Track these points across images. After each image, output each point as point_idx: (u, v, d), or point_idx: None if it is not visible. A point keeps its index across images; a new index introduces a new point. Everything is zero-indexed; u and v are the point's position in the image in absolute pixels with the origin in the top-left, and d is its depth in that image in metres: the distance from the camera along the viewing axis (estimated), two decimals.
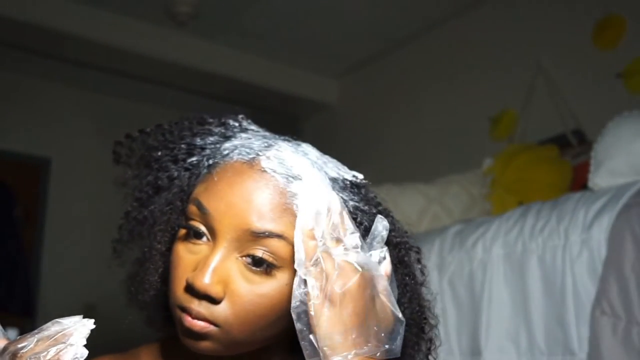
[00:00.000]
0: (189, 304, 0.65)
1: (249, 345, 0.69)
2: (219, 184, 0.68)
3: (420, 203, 2.42)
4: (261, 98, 4.13)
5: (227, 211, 0.66)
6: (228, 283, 0.66)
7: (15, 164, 4.02)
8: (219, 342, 0.67)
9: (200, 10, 3.31)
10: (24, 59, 3.77)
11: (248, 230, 0.66)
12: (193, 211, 0.69)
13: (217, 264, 0.65)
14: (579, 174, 2.24)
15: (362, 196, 0.74)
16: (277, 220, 0.66)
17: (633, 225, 1.40)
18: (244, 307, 0.66)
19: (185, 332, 0.66)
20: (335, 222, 0.64)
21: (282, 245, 0.66)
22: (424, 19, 3.48)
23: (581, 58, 2.80)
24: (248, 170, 0.68)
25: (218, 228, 0.67)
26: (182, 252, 0.69)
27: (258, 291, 0.66)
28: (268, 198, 0.66)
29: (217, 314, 0.65)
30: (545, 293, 1.56)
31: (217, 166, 0.70)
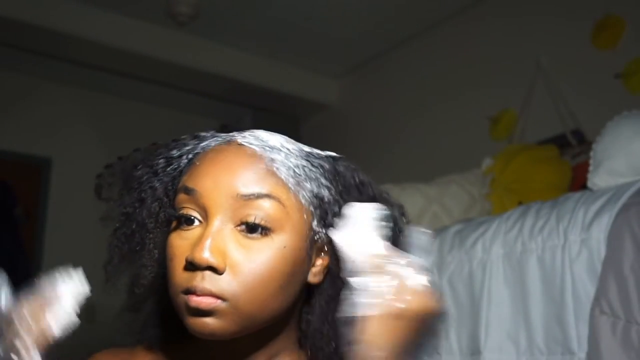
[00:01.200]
0: (191, 283, 0.65)
1: (259, 320, 0.68)
2: (201, 166, 0.70)
3: (420, 203, 2.42)
4: (261, 98, 4.13)
5: (214, 185, 0.68)
6: (227, 254, 0.66)
7: (16, 164, 4.02)
8: (229, 319, 0.66)
9: (201, 10, 3.32)
10: (24, 59, 3.77)
11: (237, 196, 0.67)
12: (181, 199, 0.70)
13: (214, 237, 0.66)
14: (579, 174, 2.24)
15: (337, 171, 0.76)
16: (262, 182, 0.68)
17: (632, 225, 1.40)
18: (248, 275, 0.66)
19: (193, 313, 0.65)
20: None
21: (273, 206, 0.68)
22: (424, 19, 3.48)
23: (580, 58, 2.80)
24: (227, 148, 0.71)
25: (208, 204, 0.68)
26: (175, 241, 0.69)
27: (258, 257, 0.66)
28: (249, 164, 0.69)
29: (222, 286, 0.65)
30: (545, 292, 1.56)
31: (197, 155, 0.73)
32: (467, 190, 2.51)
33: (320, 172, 0.74)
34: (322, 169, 0.74)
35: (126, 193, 0.79)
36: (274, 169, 0.70)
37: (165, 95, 4.27)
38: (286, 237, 0.68)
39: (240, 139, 0.72)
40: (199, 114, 4.53)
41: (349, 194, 0.75)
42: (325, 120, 4.26)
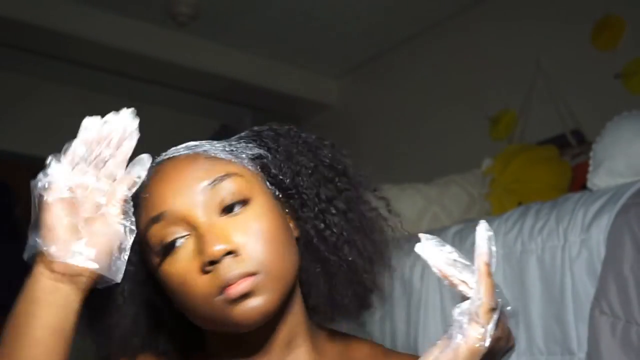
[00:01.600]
0: (223, 277, 0.66)
1: (287, 279, 0.70)
2: (152, 193, 0.71)
3: (420, 203, 2.42)
4: (261, 98, 4.13)
5: (177, 195, 0.70)
6: (231, 237, 0.68)
7: (15, 164, 4.01)
8: (269, 288, 0.67)
9: (201, 11, 3.32)
10: (24, 59, 3.77)
11: (204, 188, 0.70)
12: (155, 230, 0.69)
13: (210, 230, 0.68)
14: (578, 174, 2.24)
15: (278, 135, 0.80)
16: (212, 169, 0.72)
17: (632, 226, 1.41)
18: (262, 239, 0.69)
19: (237, 301, 0.66)
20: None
21: (234, 181, 0.71)
22: (424, 19, 3.48)
23: (580, 58, 2.80)
24: (161, 167, 0.74)
25: (184, 213, 0.69)
26: (174, 268, 0.69)
27: (254, 224, 0.70)
28: (192, 163, 0.72)
29: (247, 263, 0.67)
30: (544, 293, 1.56)
31: (136, 197, 0.73)
32: (467, 191, 2.51)
33: (252, 141, 0.79)
34: (257, 139, 0.79)
35: None
36: (211, 155, 0.74)
37: (165, 95, 4.27)
38: (260, 200, 0.72)
39: (168, 155, 0.75)
40: (199, 114, 4.53)
41: (300, 154, 0.79)
42: (325, 120, 4.26)
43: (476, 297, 0.61)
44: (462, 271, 0.63)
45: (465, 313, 0.61)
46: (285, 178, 0.77)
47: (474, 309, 0.60)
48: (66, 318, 0.62)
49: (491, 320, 0.61)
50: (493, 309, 0.61)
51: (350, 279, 0.78)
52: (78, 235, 0.62)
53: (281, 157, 0.78)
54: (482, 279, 0.62)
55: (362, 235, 0.79)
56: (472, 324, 0.60)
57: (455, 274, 0.63)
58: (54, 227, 0.62)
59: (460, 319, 0.61)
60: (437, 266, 0.63)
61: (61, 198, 0.62)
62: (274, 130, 0.81)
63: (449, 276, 0.63)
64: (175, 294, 0.70)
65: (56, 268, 0.62)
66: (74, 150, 0.67)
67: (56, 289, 0.62)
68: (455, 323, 0.61)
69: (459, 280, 0.63)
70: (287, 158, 0.78)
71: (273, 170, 0.77)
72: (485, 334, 0.60)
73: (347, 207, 0.79)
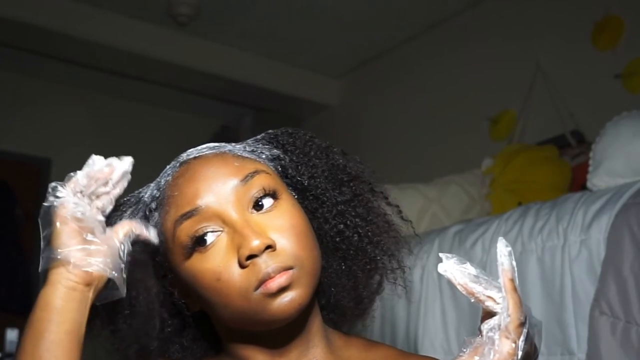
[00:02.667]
0: (261, 272, 0.68)
1: (317, 274, 0.73)
2: (183, 190, 0.73)
3: (420, 203, 2.42)
4: (261, 98, 4.13)
5: (211, 192, 0.72)
6: (267, 232, 0.70)
7: (15, 164, 4.02)
8: (303, 283, 0.70)
9: (201, 11, 3.32)
10: (24, 59, 3.77)
11: (238, 184, 0.72)
12: (186, 226, 0.71)
13: (247, 225, 0.70)
14: (578, 174, 2.24)
15: (294, 139, 0.83)
16: (242, 166, 0.74)
17: (632, 226, 1.41)
18: (294, 234, 0.71)
19: (275, 296, 0.68)
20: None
21: (264, 177, 0.74)
22: (424, 20, 3.48)
23: (580, 59, 2.80)
24: (188, 166, 0.75)
25: (218, 209, 0.71)
26: (207, 264, 0.70)
27: (286, 218, 0.72)
28: (221, 161, 0.75)
29: (284, 256, 0.69)
30: (544, 293, 1.56)
31: (161, 196, 0.75)
32: (466, 191, 2.51)
33: (269, 143, 0.81)
34: (274, 141, 0.81)
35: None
36: (237, 154, 0.76)
37: (165, 95, 4.27)
38: (287, 196, 0.75)
39: (192, 155, 0.77)
40: (199, 114, 4.53)
41: (317, 157, 0.81)
42: (325, 120, 4.26)
43: (505, 313, 0.62)
44: (487, 287, 0.64)
45: (496, 329, 0.62)
46: (303, 179, 0.80)
47: (504, 325, 0.62)
48: (82, 321, 0.67)
49: (521, 335, 0.62)
50: (522, 323, 0.62)
51: (372, 276, 0.82)
52: (90, 247, 0.67)
53: (298, 159, 0.81)
54: (509, 295, 0.63)
55: (383, 235, 0.82)
56: (503, 340, 0.61)
57: (481, 291, 0.64)
58: (71, 239, 0.66)
59: (492, 335, 0.62)
60: (462, 284, 0.64)
61: (73, 215, 0.67)
62: (290, 134, 0.83)
63: (475, 293, 0.64)
64: (206, 290, 0.71)
65: (75, 276, 0.66)
66: (77, 180, 0.71)
67: (73, 296, 0.66)
68: (487, 339, 0.62)
69: (485, 297, 0.64)
70: (304, 160, 0.81)
71: (290, 171, 0.80)
72: (516, 349, 0.61)
73: (365, 209, 0.82)
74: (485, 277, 0.64)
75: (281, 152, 0.81)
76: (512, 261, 0.64)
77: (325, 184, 0.81)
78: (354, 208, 0.81)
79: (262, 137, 0.83)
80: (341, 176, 0.82)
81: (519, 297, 0.63)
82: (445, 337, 1.77)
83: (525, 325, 0.62)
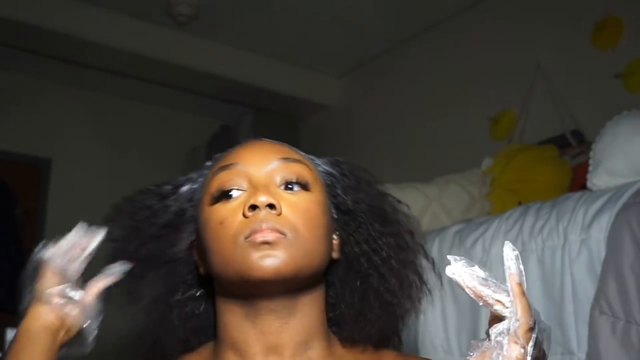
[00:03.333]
0: (254, 224, 0.72)
1: (310, 261, 0.75)
2: (234, 152, 0.81)
3: (420, 202, 2.42)
4: (261, 98, 4.13)
5: (253, 156, 0.79)
6: (281, 200, 0.74)
7: (15, 164, 4.01)
8: (291, 252, 0.72)
9: (200, 11, 3.32)
10: (24, 59, 3.77)
11: (279, 160, 0.78)
12: (218, 180, 0.78)
13: (266, 189, 0.75)
14: (578, 174, 2.24)
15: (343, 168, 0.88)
16: (292, 152, 0.81)
17: (632, 225, 1.41)
18: (304, 215, 0.75)
19: (258, 249, 0.71)
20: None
21: (304, 169, 0.79)
22: (424, 19, 3.48)
23: (580, 58, 2.80)
24: (247, 145, 0.83)
25: (252, 172, 0.77)
26: (220, 210, 0.76)
27: (304, 203, 0.76)
28: (276, 145, 0.82)
29: (283, 222, 0.73)
30: (544, 293, 1.56)
31: (215, 164, 0.83)
32: (467, 190, 2.51)
33: (329, 163, 0.87)
34: (335, 164, 0.87)
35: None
36: (294, 149, 0.83)
37: (165, 95, 4.27)
38: (318, 194, 0.79)
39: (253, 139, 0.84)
40: (199, 114, 4.53)
41: (367, 186, 0.87)
42: (325, 120, 4.26)
43: (514, 318, 0.62)
44: (496, 291, 0.63)
45: (505, 334, 0.61)
46: (347, 201, 0.85)
47: (513, 329, 0.61)
48: (52, 357, 0.74)
49: (530, 340, 0.61)
50: (531, 328, 0.62)
51: (383, 301, 0.83)
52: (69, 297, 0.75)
53: (349, 183, 0.86)
54: (517, 299, 0.63)
55: (403, 268, 0.85)
56: (512, 345, 0.61)
57: (490, 294, 0.63)
58: (54, 288, 0.75)
59: (501, 340, 0.61)
60: (471, 287, 0.63)
61: (58, 270, 0.75)
62: (353, 167, 0.89)
63: (484, 297, 0.63)
64: (210, 235, 0.76)
65: (53, 317, 0.74)
66: (62, 244, 0.78)
67: (47, 332, 0.74)
68: (495, 344, 0.61)
69: (494, 300, 0.63)
70: (354, 186, 0.86)
71: (339, 190, 0.85)
72: (525, 354, 0.61)
73: (395, 241, 0.86)
74: (494, 280, 0.64)
75: (338, 173, 0.86)
76: (520, 265, 0.65)
77: (367, 212, 0.85)
78: (386, 239, 0.85)
79: (328, 159, 0.88)
80: (381, 209, 0.87)
81: (527, 302, 0.63)
82: (445, 337, 1.77)
83: (535, 330, 0.62)
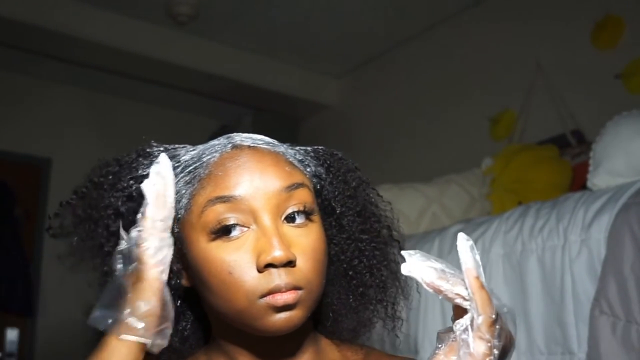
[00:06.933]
0: (274, 283, 0.68)
1: (317, 300, 0.73)
2: (229, 174, 0.71)
3: (420, 203, 2.42)
4: (261, 98, 4.13)
5: (253, 186, 0.70)
6: (292, 247, 0.70)
7: (15, 164, 4.01)
8: (305, 306, 0.70)
9: (200, 10, 3.32)
10: (24, 59, 3.77)
11: (282, 190, 0.71)
12: (217, 210, 0.70)
13: (276, 234, 0.69)
14: (578, 174, 2.24)
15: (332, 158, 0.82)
16: (293, 174, 0.73)
17: (632, 225, 1.41)
18: (311, 259, 0.71)
19: (279, 311, 0.68)
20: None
21: (306, 193, 0.73)
22: (424, 19, 3.48)
23: (580, 58, 2.80)
24: (241, 152, 0.73)
25: (256, 205, 0.70)
26: (225, 254, 0.69)
27: (312, 241, 0.72)
28: (274, 161, 0.73)
29: (299, 276, 0.69)
30: (545, 293, 1.56)
31: (203, 169, 0.73)
32: (467, 190, 2.51)
33: (316, 158, 0.80)
34: (322, 158, 0.81)
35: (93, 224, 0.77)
36: (289, 160, 0.75)
37: (165, 95, 4.27)
38: (318, 218, 0.74)
39: (247, 142, 0.75)
40: (199, 114, 4.53)
41: (355, 190, 0.81)
42: (325, 120, 4.26)
43: (476, 313, 0.61)
44: (455, 284, 0.62)
45: (468, 330, 0.61)
46: (337, 206, 0.80)
47: (476, 325, 0.60)
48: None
49: (495, 332, 0.61)
50: (494, 321, 0.61)
51: (367, 313, 0.83)
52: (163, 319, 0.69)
53: (337, 184, 0.81)
54: (477, 294, 0.61)
55: (389, 282, 0.83)
56: (477, 341, 0.60)
57: (449, 289, 0.62)
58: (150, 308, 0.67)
59: (466, 338, 0.61)
60: (428, 283, 0.62)
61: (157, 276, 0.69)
62: (339, 159, 0.83)
63: (442, 291, 0.62)
64: (214, 278, 0.70)
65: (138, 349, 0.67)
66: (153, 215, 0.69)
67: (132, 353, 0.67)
68: (461, 342, 0.61)
69: (453, 294, 0.62)
70: (343, 188, 0.81)
71: (326, 193, 0.80)
72: (492, 348, 0.60)
73: (382, 253, 0.83)
74: (452, 270, 0.63)
75: (324, 172, 0.80)
76: (476, 256, 0.62)
77: (354, 218, 0.81)
78: (373, 249, 0.82)
79: (312, 149, 0.82)
80: (370, 216, 0.83)
81: (487, 294, 0.61)
82: None
83: (498, 322, 0.61)
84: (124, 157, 0.79)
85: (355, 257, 0.81)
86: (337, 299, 0.82)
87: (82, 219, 0.78)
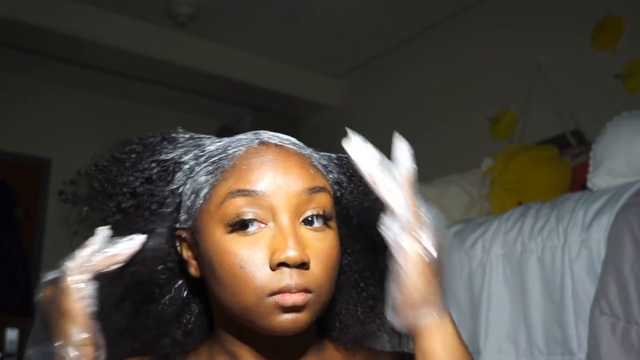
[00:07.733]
0: (284, 282, 0.67)
1: (327, 305, 0.73)
2: (251, 168, 0.71)
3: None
4: (261, 98, 4.13)
5: (276, 184, 0.70)
6: (307, 249, 0.69)
7: (15, 164, 4.02)
8: (313, 309, 0.70)
9: (200, 11, 3.32)
10: (24, 59, 3.77)
11: (304, 191, 0.71)
12: (237, 203, 0.70)
13: (293, 234, 0.69)
14: (578, 174, 2.24)
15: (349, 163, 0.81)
16: (317, 177, 0.73)
17: (632, 225, 1.41)
18: (325, 264, 0.70)
19: (286, 311, 0.68)
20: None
21: (327, 198, 0.73)
22: (424, 19, 3.48)
23: (580, 59, 2.80)
24: (267, 149, 0.73)
25: (276, 202, 0.70)
26: (238, 248, 0.69)
27: (327, 246, 0.71)
28: (300, 162, 0.73)
29: (310, 279, 0.69)
30: (545, 293, 1.56)
31: (228, 161, 0.73)
32: (466, 191, 2.51)
33: (339, 165, 0.81)
34: (345, 166, 0.81)
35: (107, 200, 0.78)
36: (314, 164, 0.75)
37: (165, 95, 4.27)
38: (335, 225, 0.74)
39: (274, 140, 0.75)
40: (199, 114, 4.53)
41: (376, 200, 0.78)
42: (325, 120, 4.26)
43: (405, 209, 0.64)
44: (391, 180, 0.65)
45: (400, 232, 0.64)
46: (355, 217, 0.80)
47: (408, 227, 0.64)
48: None
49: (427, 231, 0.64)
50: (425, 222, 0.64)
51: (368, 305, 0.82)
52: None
53: (357, 194, 0.80)
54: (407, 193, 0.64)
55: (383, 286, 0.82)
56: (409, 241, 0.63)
57: (386, 183, 0.65)
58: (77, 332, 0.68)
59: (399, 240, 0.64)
60: (369, 172, 0.64)
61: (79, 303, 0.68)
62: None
63: (378, 183, 0.65)
64: (224, 271, 0.69)
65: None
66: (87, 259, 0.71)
67: None
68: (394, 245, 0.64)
69: (386, 190, 0.65)
70: (362, 198, 0.80)
71: (345, 202, 0.80)
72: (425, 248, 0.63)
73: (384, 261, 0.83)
74: (388, 162, 0.65)
75: (346, 181, 0.80)
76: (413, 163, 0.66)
77: (370, 230, 0.79)
78: (382, 257, 0.80)
79: (337, 156, 0.82)
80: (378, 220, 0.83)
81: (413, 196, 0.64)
82: None
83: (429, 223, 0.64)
84: (149, 137, 0.80)
85: (367, 269, 0.81)
86: (345, 308, 0.81)
87: (97, 191, 0.79)
